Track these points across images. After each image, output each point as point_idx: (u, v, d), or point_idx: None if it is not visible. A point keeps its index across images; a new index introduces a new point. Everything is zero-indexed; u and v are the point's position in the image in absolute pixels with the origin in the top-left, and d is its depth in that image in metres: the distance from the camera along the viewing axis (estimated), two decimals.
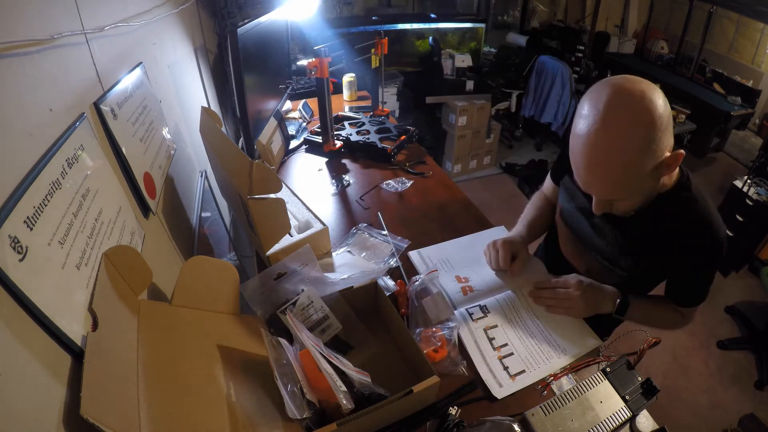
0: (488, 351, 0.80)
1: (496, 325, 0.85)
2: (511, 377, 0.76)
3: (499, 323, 0.86)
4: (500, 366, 0.78)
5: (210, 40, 1.53)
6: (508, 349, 0.81)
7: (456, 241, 1.09)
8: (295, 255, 0.83)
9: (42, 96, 0.51)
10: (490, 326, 0.85)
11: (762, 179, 2.44)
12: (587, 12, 4.43)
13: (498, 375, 0.76)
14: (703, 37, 3.85)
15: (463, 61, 3.28)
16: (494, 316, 0.87)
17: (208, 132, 0.95)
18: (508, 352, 0.80)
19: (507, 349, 0.81)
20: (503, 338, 0.83)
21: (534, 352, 0.81)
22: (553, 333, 0.84)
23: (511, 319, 0.87)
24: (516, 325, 0.85)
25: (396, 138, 1.54)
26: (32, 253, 0.42)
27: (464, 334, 0.83)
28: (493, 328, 0.85)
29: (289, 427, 0.58)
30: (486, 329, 0.84)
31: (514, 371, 0.77)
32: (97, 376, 0.43)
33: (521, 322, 0.86)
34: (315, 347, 0.62)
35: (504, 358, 0.79)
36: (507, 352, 0.80)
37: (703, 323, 2.33)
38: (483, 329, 0.84)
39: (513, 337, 0.83)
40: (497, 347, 0.81)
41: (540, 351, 0.81)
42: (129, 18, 0.82)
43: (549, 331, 0.84)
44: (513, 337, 0.83)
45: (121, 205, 0.65)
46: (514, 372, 0.77)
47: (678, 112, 3.32)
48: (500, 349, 0.81)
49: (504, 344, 0.82)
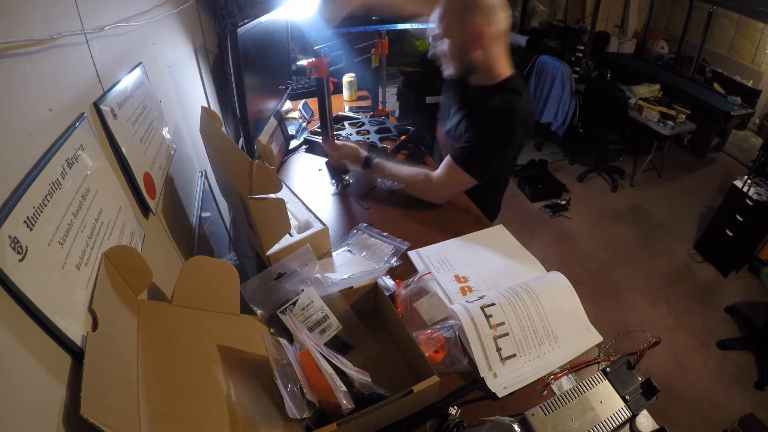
0: (484, 329, 0.79)
1: (493, 304, 0.83)
2: (502, 360, 0.76)
3: (497, 302, 0.84)
4: (494, 347, 0.77)
5: (210, 40, 1.53)
6: (504, 329, 0.80)
7: (455, 240, 1.09)
8: (295, 255, 0.83)
9: (42, 96, 0.51)
10: (487, 304, 0.83)
11: (762, 179, 2.44)
12: (587, 12, 4.43)
13: (490, 357, 0.76)
14: (703, 37, 3.86)
15: None
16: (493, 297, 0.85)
17: (208, 132, 0.95)
18: (503, 332, 0.79)
19: (503, 329, 0.80)
20: (501, 316, 0.81)
21: (528, 334, 0.80)
22: (552, 321, 0.83)
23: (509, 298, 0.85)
24: (515, 305, 0.84)
25: (396, 138, 1.54)
26: (32, 253, 0.42)
27: (461, 314, 0.81)
28: (491, 306, 0.83)
29: (289, 427, 0.58)
30: (483, 307, 0.82)
31: (505, 354, 0.77)
32: (97, 376, 0.43)
33: (521, 303, 0.84)
34: (315, 347, 0.62)
35: (499, 338, 0.78)
36: (502, 332, 0.79)
37: (703, 323, 2.33)
38: (480, 307, 0.82)
39: (511, 316, 0.82)
40: (494, 325, 0.80)
41: (534, 335, 0.80)
42: (129, 18, 0.81)
43: (549, 320, 0.83)
44: (511, 316, 0.82)
45: (121, 205, 0.65)
46: (505, 355, 0.77)
47: (678, 112, 3.32)
48: (497, 327, 0.80)
49: (501, 323, 0.80)
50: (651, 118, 3.35)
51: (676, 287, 2.59)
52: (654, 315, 2.39)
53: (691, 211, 3.23)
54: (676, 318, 2.36)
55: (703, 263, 2.77)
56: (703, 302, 2.48)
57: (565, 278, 0.90)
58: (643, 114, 3.40)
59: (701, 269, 2.74)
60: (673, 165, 3.73)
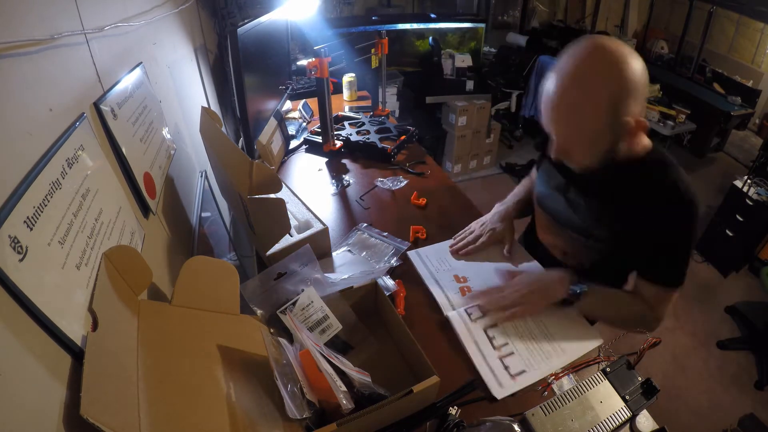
0: (488, 351, 0.80)
1: (495, 324, 0.85)
2: (512, 377, 0.76)
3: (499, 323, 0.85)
4: (501, 366, 0.77)
5: (210, 40, 1.53)
6: (508, 349, 0.80)
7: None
8: (295, 255, 0.83)
9: (42, 96, 0.51)
10: (489, 325, 0.85)
11: (762, 179, 2.45)
12: (587, 12, 4.43)
13: (499, 375, 0.76)
14: (703, 37, 3.86)
15: (463, 61, 3.28)
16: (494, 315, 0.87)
17: (208, 132, 0.95)
18: (508, 352, 0.80)
19: (507, 349, 0.80)
20: (503, 338, 0.82)
21: (534, 350, 0.80)
22: (554, 332, 0.84)
23: None
24: (516, 324, 0.85)
25: (396, 138, 1.54)
26: (32, 253, 0.42)
27: (463, 335, 0.83)
28: (493, 327, 0.84)
29: (289, 427, 0.58)
30: (485, 329, 0.84)
31: (515, 371, 0.77)
32: (97, 376, 0.43)
33: (522, 321, 0.86)
34: (315, 347, 0.62)
35: (505, 357, 0.79)
36: (507, 352, 0.80)
37: (703, 323, 2.33)
38: (482, 329, 0.84)
39: (513, 336, 0.83)
40: (498, 347, 0.81)
41: (540, 349, 0.81)
42: (129, 18, 0.82)
43: (549, 330, 0.84)
44: (513, 336, 0.83)
45: (121, 205, 0.65)
46: (515, 372, 0.76)
47: (678, 112, 3.32)
48: (501, 348, 0.80)
49: (504, 344, 0.81)
50: (651, 118, 3.34)
51: None
52: None
53: None
54: (676, 318, 2.36)
55: (703, 263, 2.77)
56: (703, 302, 2.47)
57: None
58: None
59: (701, 269, 2.74)
60: None
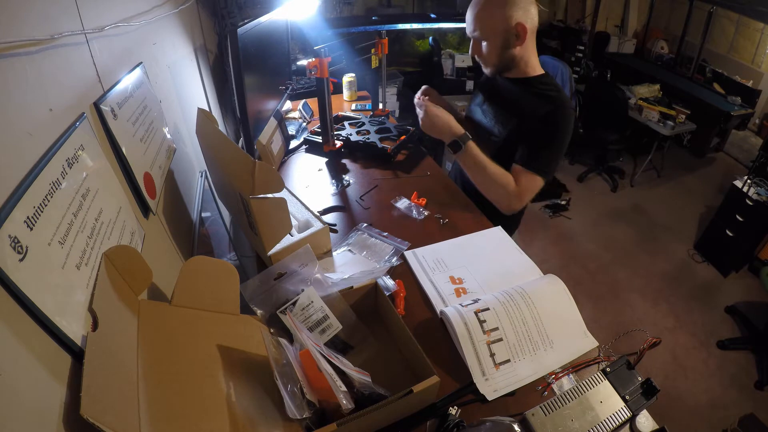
0: (478, 334, 0.78)
1: (488, 308, 0.82)
2: (496, 365, 0.75)
3: (492, 306, 0.83)
4: (487, 352, 0.77)
5: (210, 40, 1.53)
6: (497, 334, 0.79)
7: (452, 241, 1.09)
8: (295, 255, 0.83)
9: (42, 96, 0.51)
10: (481, 309, 0.82)
11: (762, 179, 2.45)
12: (587, 12, 4.43)
13: (484, 362, 0.75)
14: (703, 37, 3.86)
15: (463, 61, 3.28)
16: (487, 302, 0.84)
17: (205, 134, 0.95)
18: (497, 338, 0.79)
19: (497, 334, 0.79)
20: (494, 321, 0.80)
21: (523, 339, 0.79)
22: (546, 323, 0.82)
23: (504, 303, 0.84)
24: (509, 310, 0.83)
25: (396, 138, 1.54)
26: (32, 253, 0.42)
27: (454, 319, 0.81)
28: (485, 311, 0.82)
29: (289, 427, 0.58)
30: (477, 311, 0.81)
31: (499, 359, 0.76)
32: (97, 376, 0.43)
33: (516, 307, 0.83)
34: (315, 347, 0.62)
35: (492, 343, 0.78)
36: (496, 338, 0.79)
37: (703, 323, 2.33)
38: (474, 311, 0.81)
39: (505, 321, 0.81)
40: (487, 330, 0.79)
41: (529, 339, 0.80)
42: (129, 18, 0.81)
43: (542, 321, 0.82)
44: (505, 321, 0.81)
45: (121, 205, 0.65)
46: (499, 360, 0.76)
47: (678, 112, 3.32)
48: (490, 333, 0.79)
49: (495, 328, 0.80)
50: (651, 118, 3.35)
51: (676, 287, 2.59)
52: (654, 315, 2.39)
53: (691, 211, 3.23)
54: (676, 318, 2.36)
55: (703, 263, 2.77)
56: (703, 302, 2.48)
57: (562, 282, 0.89)
58: (643, 114, 3.40)
59: (701, 269, 2.74)
60: (673, 165, 3.73)
